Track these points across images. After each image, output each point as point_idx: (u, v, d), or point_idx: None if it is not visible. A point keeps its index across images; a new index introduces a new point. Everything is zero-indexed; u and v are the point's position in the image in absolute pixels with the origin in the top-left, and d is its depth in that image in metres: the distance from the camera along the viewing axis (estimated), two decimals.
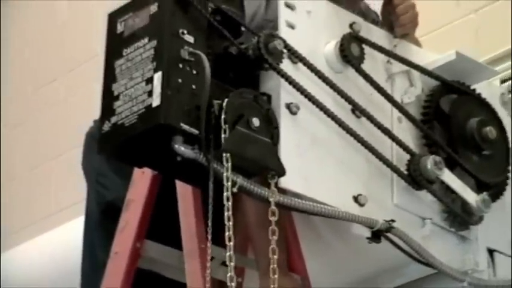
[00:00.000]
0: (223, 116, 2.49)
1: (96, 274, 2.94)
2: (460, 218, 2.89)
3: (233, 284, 2.43)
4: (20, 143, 4.98)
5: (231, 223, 2.46)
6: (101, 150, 2.63)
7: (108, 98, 2.56)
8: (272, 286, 2.52)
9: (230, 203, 2.47)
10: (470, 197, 2.87)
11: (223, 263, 2.53)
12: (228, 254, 2.45)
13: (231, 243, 2.45)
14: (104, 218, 3.02)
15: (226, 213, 2.45)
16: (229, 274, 2.44)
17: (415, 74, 2.93)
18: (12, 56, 4.87)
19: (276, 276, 2.52)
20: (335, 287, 3.29)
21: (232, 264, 2.44)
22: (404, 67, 2.91)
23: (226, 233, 2.45)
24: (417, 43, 3.06)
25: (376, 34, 2.89)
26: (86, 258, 3.12)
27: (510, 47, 3.19)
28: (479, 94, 3.00)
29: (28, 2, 4.90)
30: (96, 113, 2.69)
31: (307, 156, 2.67)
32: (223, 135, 2.48)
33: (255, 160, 2.55)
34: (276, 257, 2.54)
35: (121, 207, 2.95)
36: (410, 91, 2.91)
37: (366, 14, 3.00)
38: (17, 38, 4.91)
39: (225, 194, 2.47)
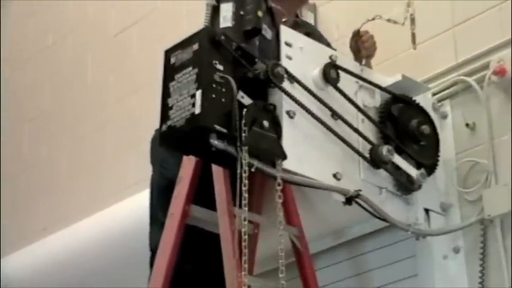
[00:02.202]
0: (243, 121, 2.48)
1: (159, 229, 2.92)
2: (405, 186, 2.87)
3: (245, 237, 2.44)
4: (104, 143, 4.63)
5: (246, 195, 2.46)
6: (161, 144, 2.63)
7: (165, 108, 2.56)
8: (279, 234, 2.50)
9: (247, 180, 2.47)
10: (413, 172, 2.85)
11: (244, 220, 2.51)
12: (243, 215, 2.46)
13: (246, 208, 2.46)
14: (166, 190, 2.99)
15: (244, 187, 2.45)
16: (243, 229, 2.45)
17: (374, 89, 2.91)
18: (102, 75, 4.76)
19: (281, 226, 2.52)
20: (320, 235, 3.28)
21: (246, 222, 2.45)
22: (367, 85, 2.89)
23: (243, 201, 2.44)
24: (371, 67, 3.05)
25: (347, 62, 2.88)
26: (152, 219, 3.09)
27: (438, 71, 3.17)
28: (418, 103, 2.98)
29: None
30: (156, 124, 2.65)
31: (302, 146, 2.66)
32: (243, 134, 2.47)
33: (266, 150, 2.54)
34: (281, 213, 2.53)
35: None
36: (371, 102, 2.89)
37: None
38: (99, 62, 4.80)
39: (244, 174, 2.46)
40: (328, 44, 3.09)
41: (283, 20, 3.01)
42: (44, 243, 4.16)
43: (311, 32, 3.11)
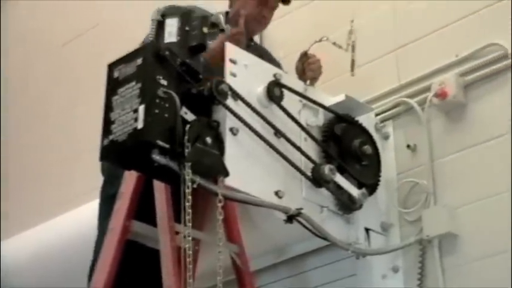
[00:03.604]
0: (186, 136, 2.46)
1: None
2: (346, 205, 2.87)
3: (190, 253, 2.39)
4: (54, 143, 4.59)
5: (189, 210, 2.43)
6: (102, 158, 2.58)
7: (107, 122, 2.52)
8: (219, 251, 2.47)
9: (190, 197, 2.44)
10: (354, 191, 2.86)
11: (187, 236, 2.49)
12: (186, 231, 2.42)
13: (189, 224, 2.43)
14: (112, 201, 2.94)
15: (186, 204, 2.42)
16: (185, 245, 2.41)
17: (318, 109, 2.91)
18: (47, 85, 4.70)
19: (221, 243, 2.49)
20: (262, 252, 3.27)
21: (190, 238, 2.42)
22: (310, 104, 2.89)
23: (187, 217, 2.42)
24: None
25: (291, 81, 2.87)
26: (99, 228, 3.04)
27: (381, 92, 3.19)
28: (360, 123, 3.00)
29: None
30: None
31: (244, 163, 2.64)
32: (186, 150, 2.45)
33: (208, 166, 2.52)
34: (221, 231, 2.51)
35: None
36: (314, 120, 2.90)
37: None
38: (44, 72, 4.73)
39: (186, 190, 2.44)
40: (278, 66, 3.10)
41: None
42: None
43: (263, 54, 3.12)
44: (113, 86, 2.53)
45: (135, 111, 2.45)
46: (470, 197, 2.90)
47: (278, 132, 2.73)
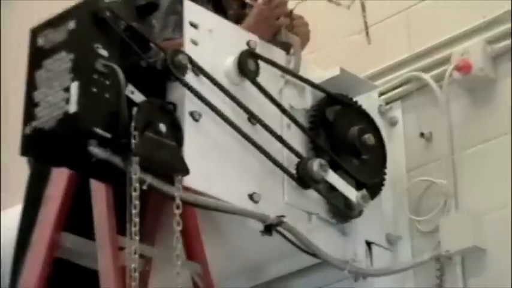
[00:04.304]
0: (133, 123, 2.47)
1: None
2: (342, 212, 2.90)
3: (136, 275, 2.41)
4: None
5: (137, 219, 2.45)
6: (24, 152, 2.59)
7: (30, 104, 2.52)
8: (176, 271, 2.51)
9: (137, 201, 2.46)
10: (351, 194, 2.88)
11: (134, 253, 2.50)
12: (132, 246, 2.44)
13: (137, 237, 2.45)
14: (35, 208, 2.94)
15: (133, 211, 2.44)
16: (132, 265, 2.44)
17: (304, 86, 2.93)
18: None
19: (180, 262, 2.51)
20: (232, 273, 3.28)
21: (136, 256, 2.44)
22: (295, 80, 2.91)
23: (133, 228, 2.43)
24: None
25: (271, 51, 2.89)
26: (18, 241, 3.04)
27: (387, 64, 3.22)
28: (359, 105, 3.02)
29: None
30: None
31: (208, 158, 2.67)
32: (133, 141, 2.46)
33: (162, 162, 2.54)
34: (180, 245, 2.53)
35: None
36: (300, 102, 2.92)
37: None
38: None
39: (133, 193, 2.45)
40: None
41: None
42: None
43: None
44: (37, 57, 2.53)
45: (66, 90, 2.45)
46: (501, 201, 2.93)
47: (253, 118, 2.75)
